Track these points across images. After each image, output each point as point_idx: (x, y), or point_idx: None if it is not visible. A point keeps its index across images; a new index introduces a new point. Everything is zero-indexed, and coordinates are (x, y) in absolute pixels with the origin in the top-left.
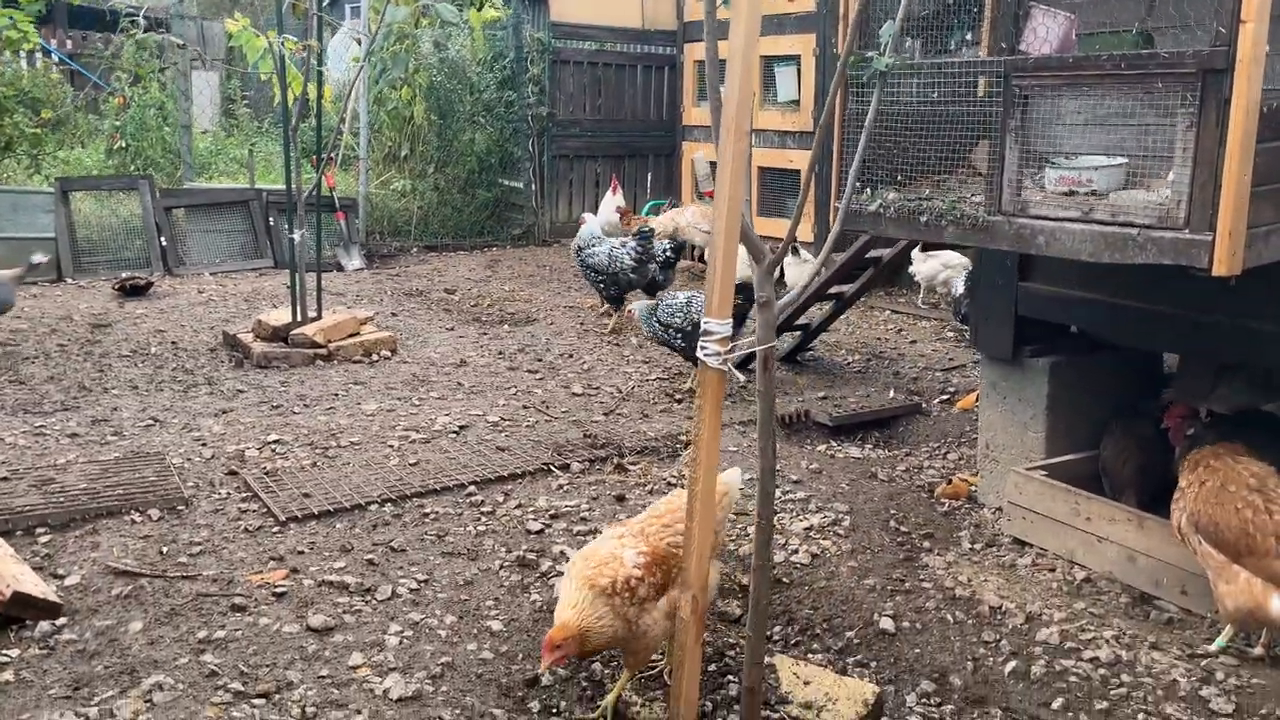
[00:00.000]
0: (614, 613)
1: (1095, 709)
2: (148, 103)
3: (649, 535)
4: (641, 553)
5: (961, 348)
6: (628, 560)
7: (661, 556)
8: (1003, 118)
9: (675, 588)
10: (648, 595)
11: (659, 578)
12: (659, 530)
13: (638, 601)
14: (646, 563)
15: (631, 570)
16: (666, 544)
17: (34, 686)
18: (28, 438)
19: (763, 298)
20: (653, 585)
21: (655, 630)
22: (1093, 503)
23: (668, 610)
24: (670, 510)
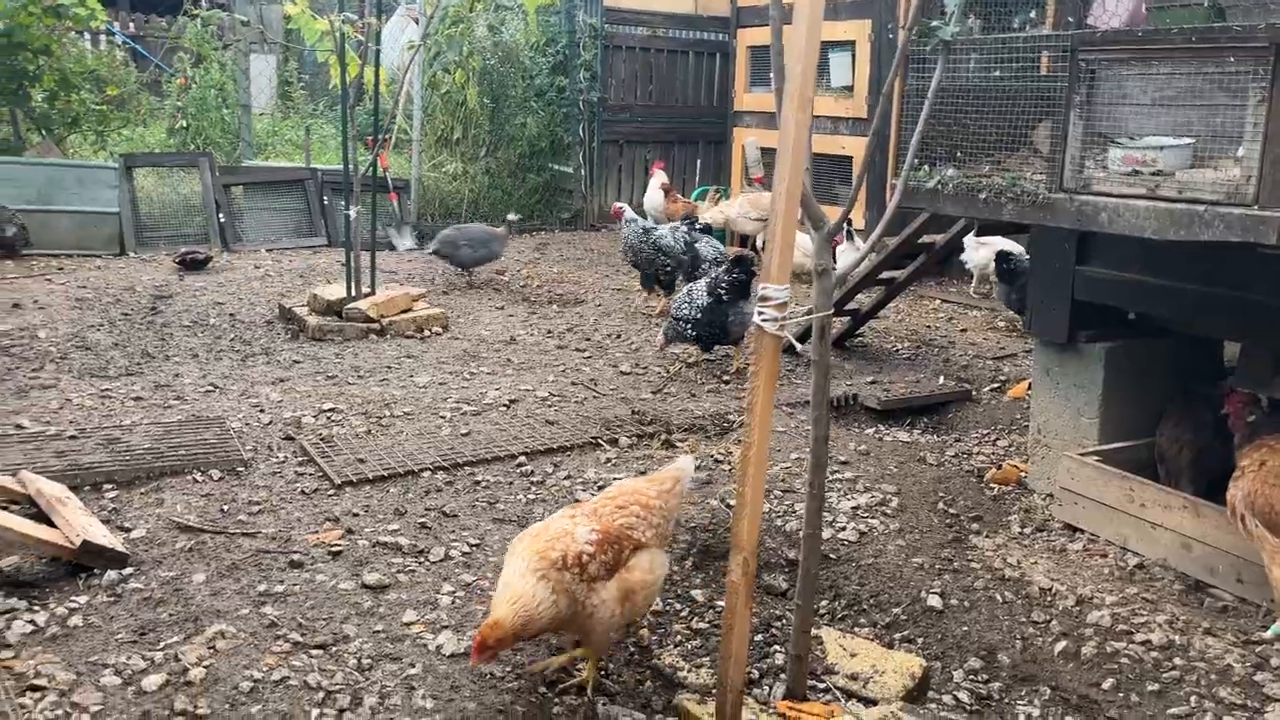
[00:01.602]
0: (562, 590)
1: (1147, 690)
2: (208, 84)
3: (602, 515)
4: (594, 530)
5: (1013, 337)
6: (580, 536)
7: (614, 537)
8: (1067, 93)
9: (626, 570)
10: (598, 574)
11: (609, 557)
12: (612, 511)
13: (587, 579)
14: (599, 540)
15: (583, 546)
16: (619, 525)
17: (102, 631)
18: (95, 399)
19: (820, 266)
20: (603, 564)
21: (604, 612)
22: (1148, 489)
23: (619, 594)
24: (623, 493)
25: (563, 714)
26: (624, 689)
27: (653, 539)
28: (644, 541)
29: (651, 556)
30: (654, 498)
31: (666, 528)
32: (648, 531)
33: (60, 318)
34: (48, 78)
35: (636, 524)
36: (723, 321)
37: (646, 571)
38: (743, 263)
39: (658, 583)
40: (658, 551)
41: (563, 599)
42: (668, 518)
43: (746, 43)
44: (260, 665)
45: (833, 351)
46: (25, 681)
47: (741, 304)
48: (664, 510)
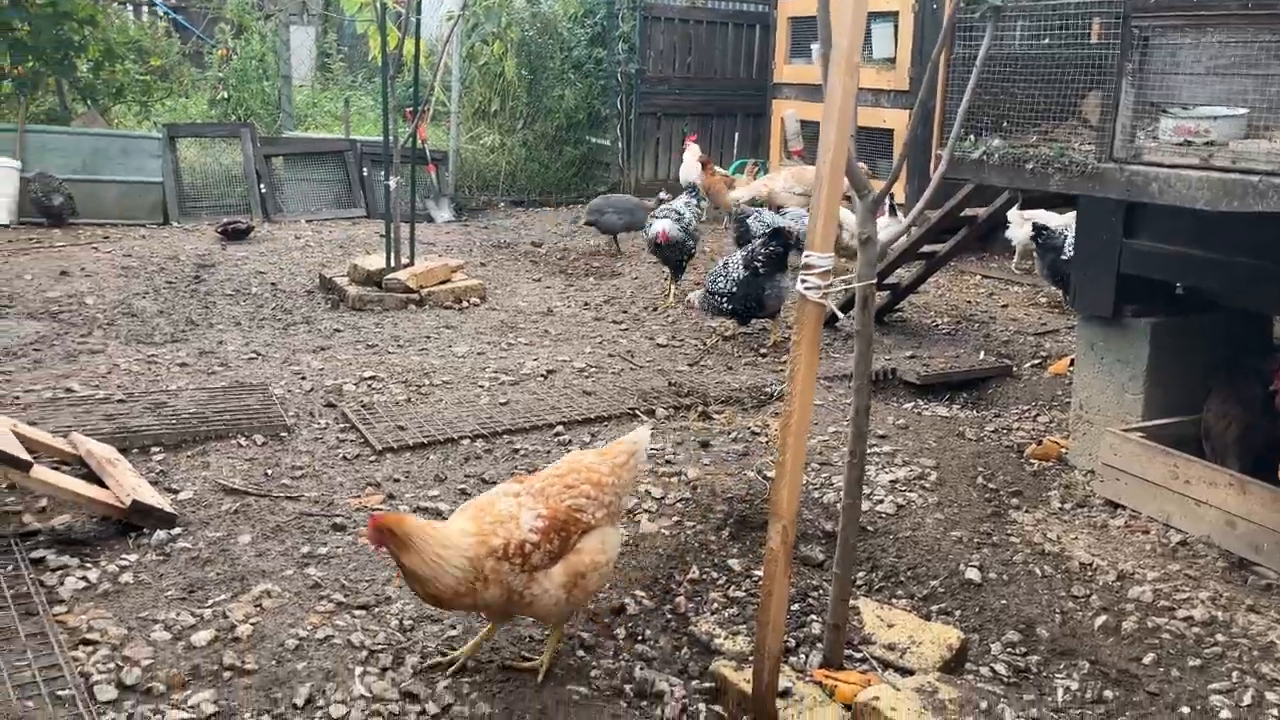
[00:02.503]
0: (496, 580)
1: (1188, 665)
2: (249, 55)
3: (549, 496)
4: (540, 515)
5: (1055, 313)
6: (524, 523)
7: (561, 521)
8: (1119, 60)
9: (575, 554)
10: (540, 563)
11: (555, 544)
12: (560, 491)
13: (529, 569)
14: (544, 528)
15: (527, 535)
16: (567, 506)
17: (151, 588)
18: (141, 365)
19: (864, 235)
20: (549, 553)
21: (546, 600)
22: (1192, 465)
23: (565, 580)
24: (573, 470)
25: (600, 676)
26: (660, 655)
27: (603, 518)
28: (593, 523)
29: (602, 536)
30: (606, 474)
31: (619, 504)
32: (598, 512)
33: (107, 285)
34: (93, 48)
35: (586, 505)
36: (759, 295)
37: (598, 553)
38: (780, 236)
39: (611, 562)
40: (609, 530)
41: (495, 589)
42: (620, 494)
43: (787, 14)
44: (305, 624)
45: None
46: (78, 636)
47: (778, 277)
48: (616, 487)
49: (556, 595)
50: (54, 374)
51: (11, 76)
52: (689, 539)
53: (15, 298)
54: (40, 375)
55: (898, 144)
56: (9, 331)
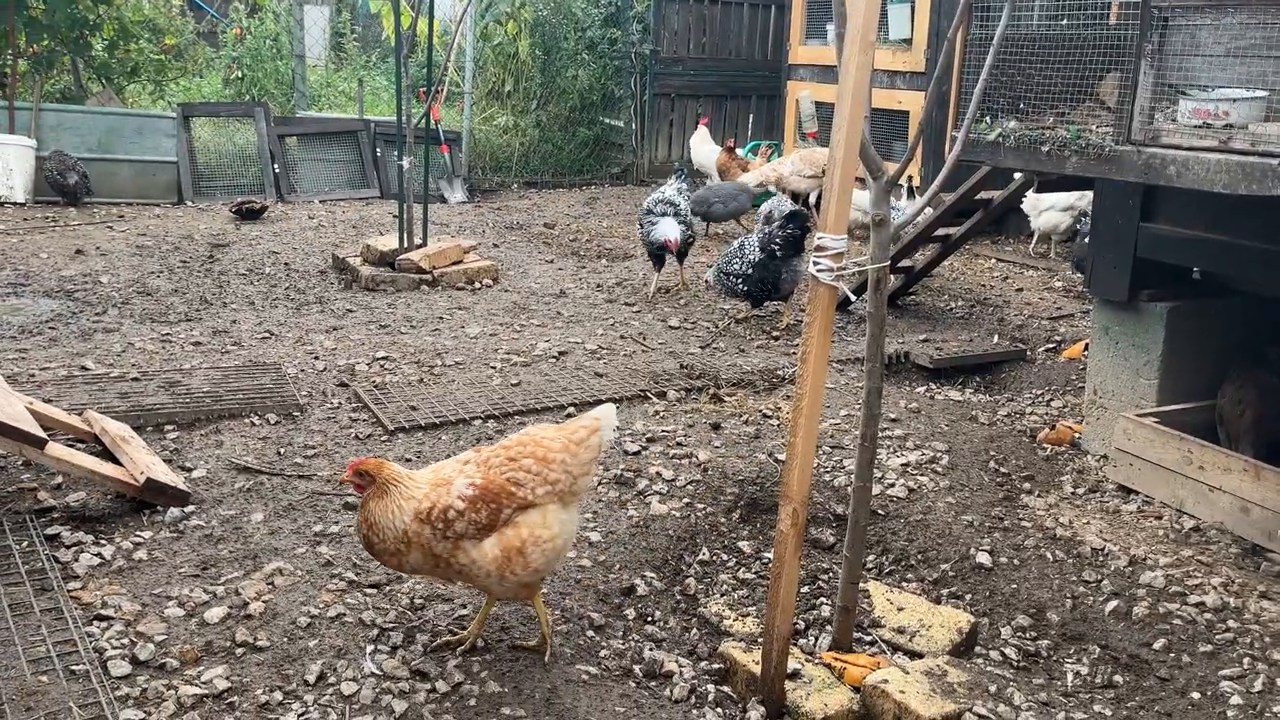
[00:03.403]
0: (418, 544)
1: (1199, 651)
2: (263, 34)
3: (492, 466)
4: (473, 484)
5: (1070, 297)
6: (456, 489)
7: (493, 493)
8: (1138, 41)
9: (511, 528)
10: (465, 532)
11: (483, 517)
12: (503, 463)
13: (452, 536)
14: (474, 496)
15: (454, 500)
16: (505, 479)
17: (165, 565)
18: (155, 344)
19: (878, 216)
20: (474, 523)
21: (478, 571)
22: (1206, 451)
23: (499, 554)
24: (522, 443)
25: (609, 657)
26: (670, 636)
27: (546, 496)
28: (534, 499)
29: (545, 514)
30: (557, 450)
31: (573, 483)
32: (539, 488)
33: (121, 264)
34: (108, 27)
35: (526, 480)
36: (775, 278)
37: (538, 527)
38: (797, 218)
39: (556, 542)
40: (555, 509)
41: (417, 553)
42: (573, 472)
43: None
44: (317, 602)
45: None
46: (93, 611)
47: (794, 260)
48: (568, 465)
49: (488, 569)
50: (69, 352)
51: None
52: (699, 521)
53: (31, 276)
54: (56, 353)
55: (913, 126)
56: (25, 309)
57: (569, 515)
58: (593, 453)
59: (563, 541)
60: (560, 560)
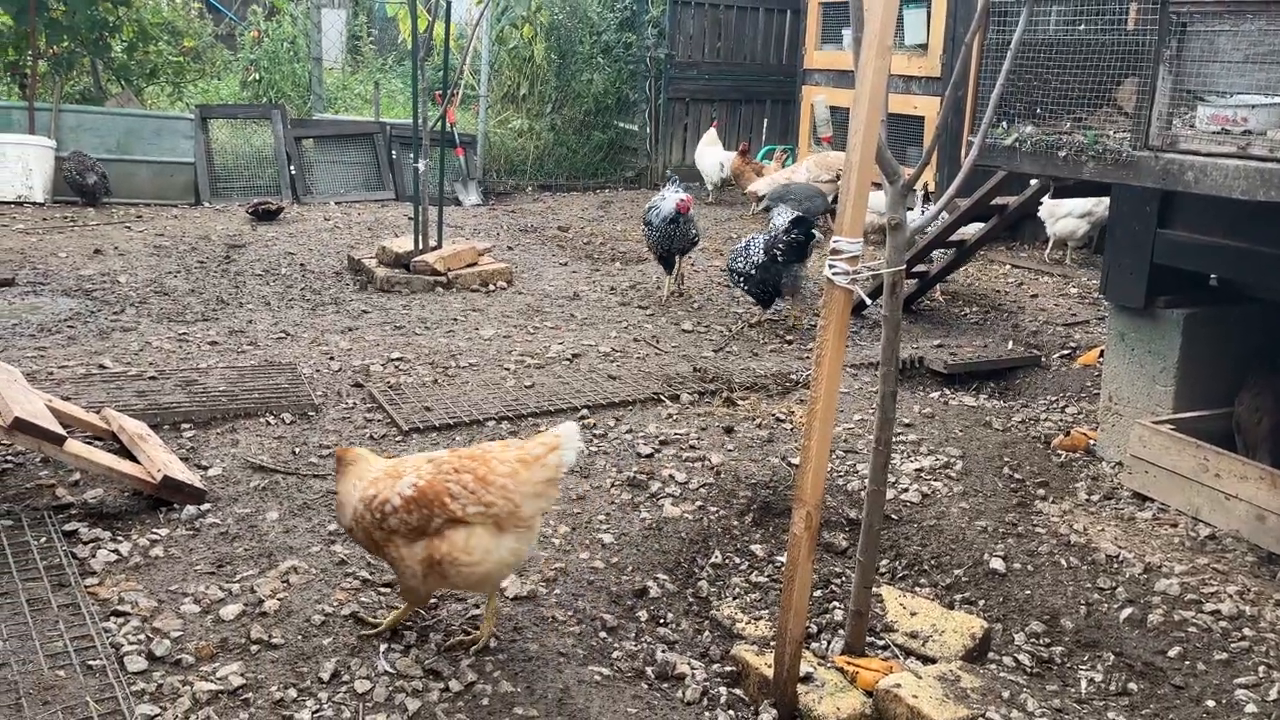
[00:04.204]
0: (361, 526)
1: (1214, 659)
2: (280, 37)
3: (441, 470)
4: (415, 485)
5: (1085, 304)
6: (401, 485)
7: (429, 498)
8: (1156, 47)
9: (439, 539)
10: (398, 529)
11: (415, 519)
12: (449, 472)
13: (387, 530)
14: (410, 496)
15: (392, 496)
16: (446, 485)
17: (181, 562)
18: (172, 343)
19: (894, 220)
20: (405, 523)
21: (404, 568)
22: (1222, 459)
23: (422, 561)
24: (472, 456)
25: (622, 658)
26: (682, 638)
27: (478, 517)
28: (463, 517)
29: (471, 536)
30: (501, 474)
31: (514, 509)
32: (471, 508)
33: (139, 264)
34: (127, 29)
35: (461, 495)
36: (775, 281)
37: (461, 551)
38: (802, 224)
39: (477, 569)
40: (484, 533)
41: (359, 531)
42: (515, 498)
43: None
44: (331, 600)
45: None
46: (109, 607)
47: (796, 266)
48: (509, 490)
49: (413, 570)
50: (87, 350)
51: (47, 56)
52: (712, 523)
53: (50, 275)
54: (74, 351)
55: (928, 131)
56: (44, 308)
57: (503, 542)
58: (549, 472)
59: (485, 570)
60: (489, 585)
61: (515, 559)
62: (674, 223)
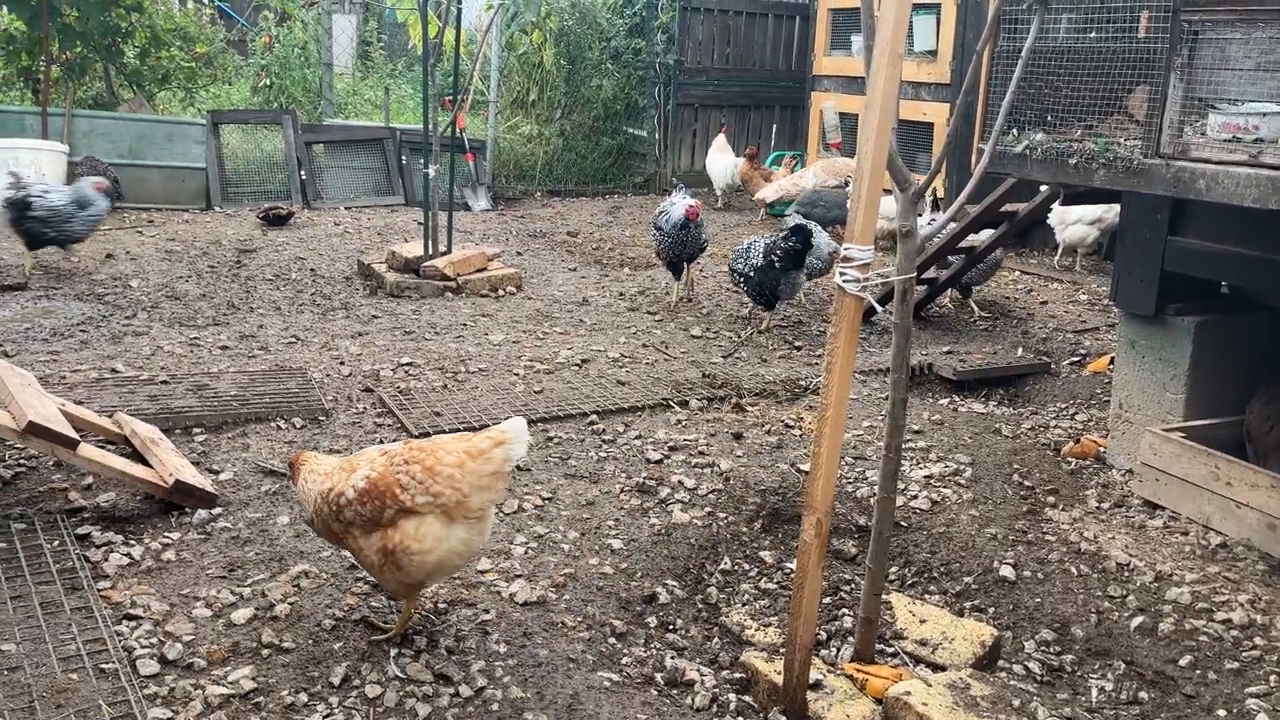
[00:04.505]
0: (320, 518)
1: (1225, 668)
2: (291, 43)
3: (394, 462)
4: (367, 478)
5: (1095, 310)
6: (355, 477)
7: (381, 489)
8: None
9: (393, 530)
10: (354, 520)
11: (368, 511)
12: (402, 462)
13: (344, 521)
14: (363, 489)
15: (346, 489)
16: (395, 479)
17: (193, 566)
18: (184, 348)
19: (905, 227)
20: (360, 515)
21: (365, 560)
22: (1234, 467)
23: (378, 551)
24: (422, 449)
25: (631, 664)
26: (691, 644)
27: (427, 507)
28: (413, 507)
29: (422, 526)
30: (448, 464)
31: (462, 499)
32: (420, 497)
33: (151, 269)
34: (140, 34)
35: (410, 486)
36: (773, 285)
37: (412, 540)
38: (800, 232)
39: (429, 557)
40: (434, 522)
41: (318, 521)
42: (462, 488)
43: (828, 5)
44: (341, 605)
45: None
46: (122, 611)
47: (793, 272)
48: (456, 480)
49: (373, 560)
50: (100, 355)
51: (60, 62)
52: (721, 530)
53: (63, 279)
54: (87, 356)
55: (937, 137)
56: (57, 313)
57: (454, 532)
58: (494, 466)
59: (437, 559)
60: (443, 574)
61: (466, 549)
62: (684, 228)
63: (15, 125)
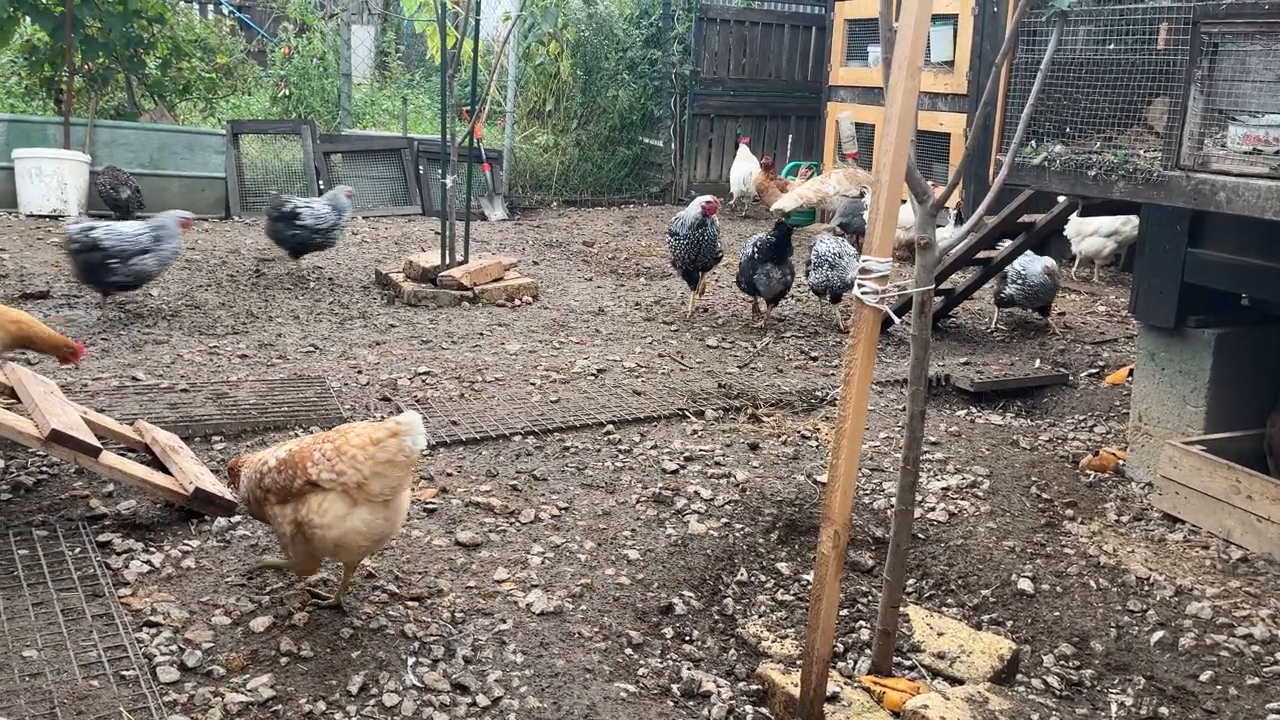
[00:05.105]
0: (247, 486)
1: (1246, 684)
2: (310, 54)
3: (316, 440)
4: (289, 449)
5: (1113, 322)
6: (279, 450)
7: (296, 460)
8: (1187, 67)
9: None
10: (271, 488)
11: (282, 480)
12: (321, 441)
13: (264, 490)
14: (282, 458)
15: (269, 458)
16: (311, 451)
17: (212, 573)
18: (204, 356)
19: (923, 240)
20: (276, 483)
21: (279, 529)
22: (1255, 480)
23: (290, 521)
24: (337, 431)
25: (647, 675)
26: (708, 655)
27: (330, 484)
28: (319, 481)
29: (325, 502)
30: (354, 446)
31: (363, 480)
32: (325, 474)
33: (171, 278)
34: (161, 45)
35: (319, 461)
36: (750, 276)
37: (315, 514)
38: (779, 228)
39: (329, 533)
40: (336, 500)
41: (246, 492)
42: (363, 471)
43: (844, 16)
44: (359, 614)
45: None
46: (142, 618)
47: (769, 266)
48: (358, 462)
49: (285, 531)
50: (121, 363)
51: (83, 72)
52: (737, 541)
53: (84, 288)
54: (108, 364)
55: (954, 147)
56: (79, 320)
57: (356, 513)
58: (389, 454)
59: (337, 535)
60: (349, 553)
61: (369, 530)
62: (700, 228)
63: (39, 135)
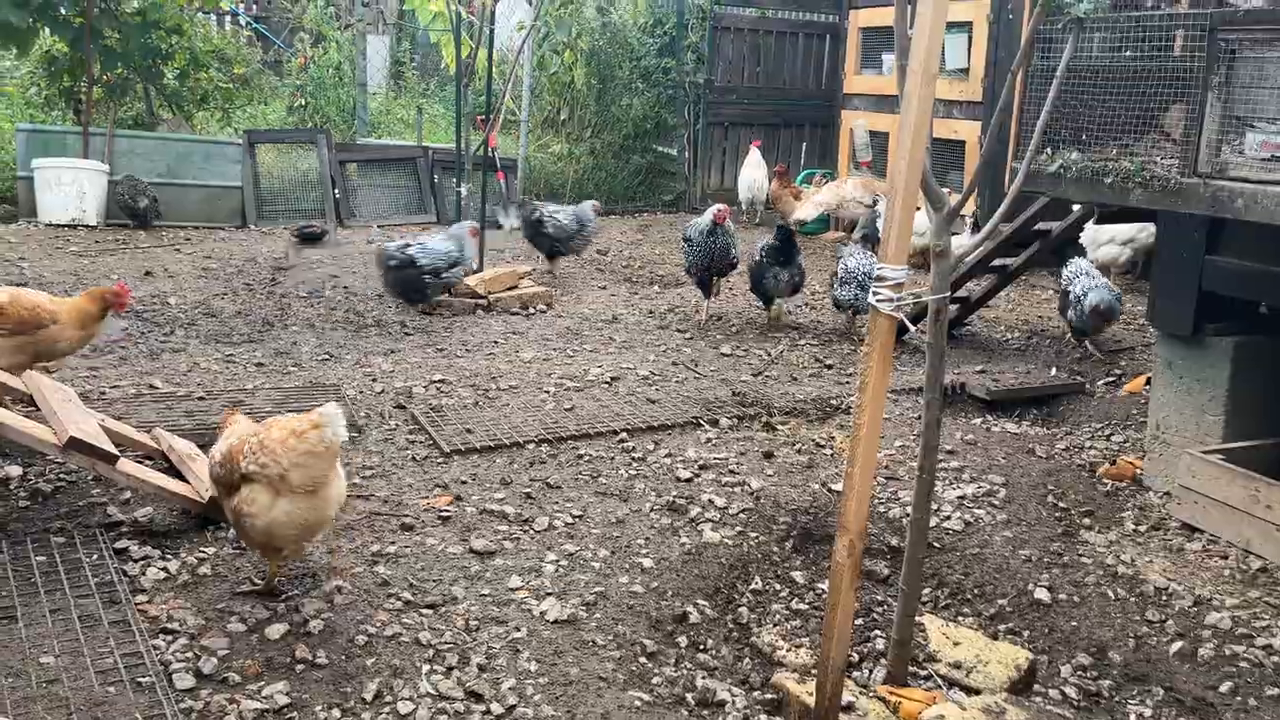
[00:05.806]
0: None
1: (1266, 695)
2: (326, 63)
3: (252, 431)
4: (229, 443)
5: (1130, 330)
6: (223, 444)
7: (233, 454)
8: (1204, 74)
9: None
10: (219, 478)
11: (224, 473)
12: (252, 434)
13: (214, 477)
14: (225, 452)
15: (216, 451)
16: (243, 445)
17: (228, 581)
18: (220, 364)
19: (939, 247)
20: (220, 476)
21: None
22: (1274, 490)
23: (233, 508)
24: (266, 425)
25: (662, 684)
26: (722, 664)
27: (258, 475)
28: (248, 473)
29: (252, 492)
30: (275, 441)
31: (283, 472)
32: (251, 466)
33: (188, 286)
34: (179, 56)
35: (248, 454)
36: (759, 276)
37: (245, 502)
38: (781, 232)
39: (260, 522)
40: (262, 490)
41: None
42: (281, 462)
43: (859, 24)
44: (374, 621)
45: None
46: (159, 625)
47: (775, 268)
48: (277, 455)
49: (229, 519)
50: (138, 371)
51: (102, 83)
52: (752, 549)
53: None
54: (125, 372)
55: (969, 155)
56: None
57: (279, 503)
58: (308, 445)
59: (264, 524)
60: (279, 541)
61: (291, 520)
62: (712, 234)
63: (57, 145)
